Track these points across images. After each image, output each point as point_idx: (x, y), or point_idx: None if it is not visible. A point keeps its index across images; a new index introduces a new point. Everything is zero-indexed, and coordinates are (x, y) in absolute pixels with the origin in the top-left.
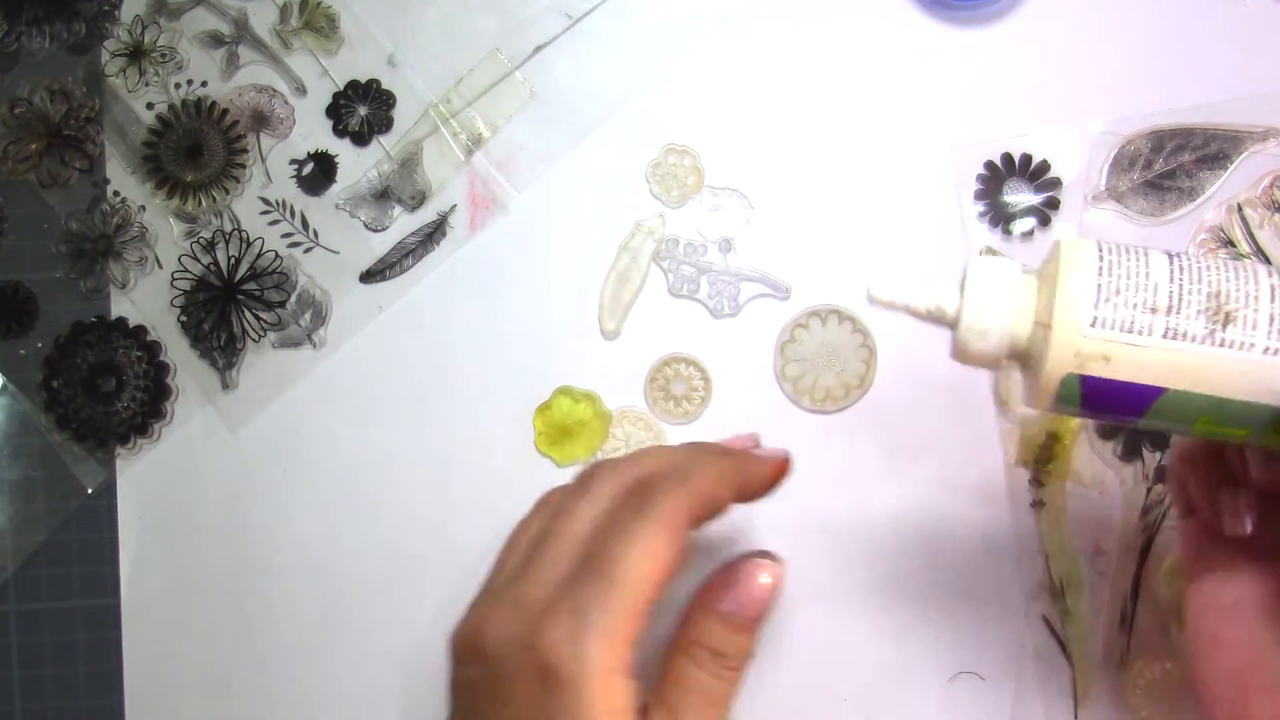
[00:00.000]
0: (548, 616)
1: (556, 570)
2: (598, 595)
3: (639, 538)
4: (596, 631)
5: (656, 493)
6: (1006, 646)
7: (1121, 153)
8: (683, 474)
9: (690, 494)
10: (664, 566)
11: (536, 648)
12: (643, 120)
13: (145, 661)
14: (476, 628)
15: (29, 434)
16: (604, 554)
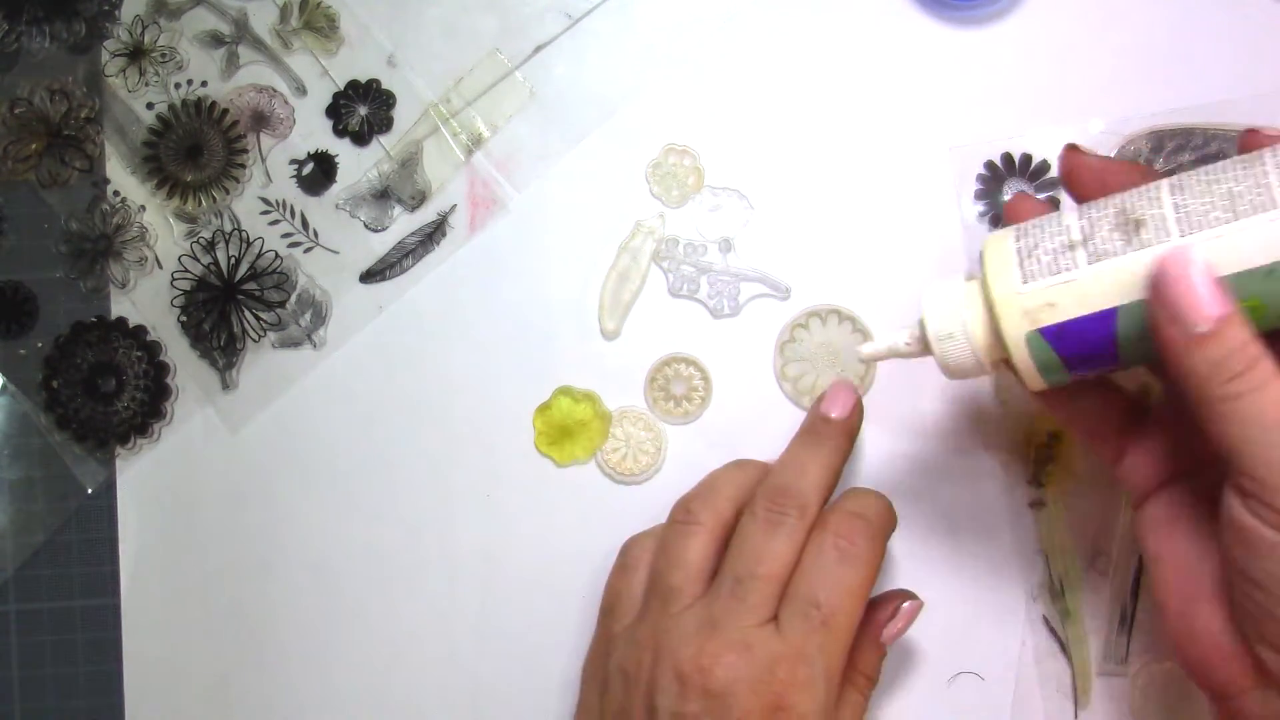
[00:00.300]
0: (781, 663)
1: (763, 612)
2: (825, 647)
3: (856, 592)
4: (825, 680)
5: (859, 538)
6: (1007, 646)
7: (1121, 153)
8: (870, 518)
9: (882, 538)
10: (864, 606)
11: (771, 691)
12: (643, 120)
13: (145, 661)
14: (701, 665)
15: (29, 434)
16: (825, 604)
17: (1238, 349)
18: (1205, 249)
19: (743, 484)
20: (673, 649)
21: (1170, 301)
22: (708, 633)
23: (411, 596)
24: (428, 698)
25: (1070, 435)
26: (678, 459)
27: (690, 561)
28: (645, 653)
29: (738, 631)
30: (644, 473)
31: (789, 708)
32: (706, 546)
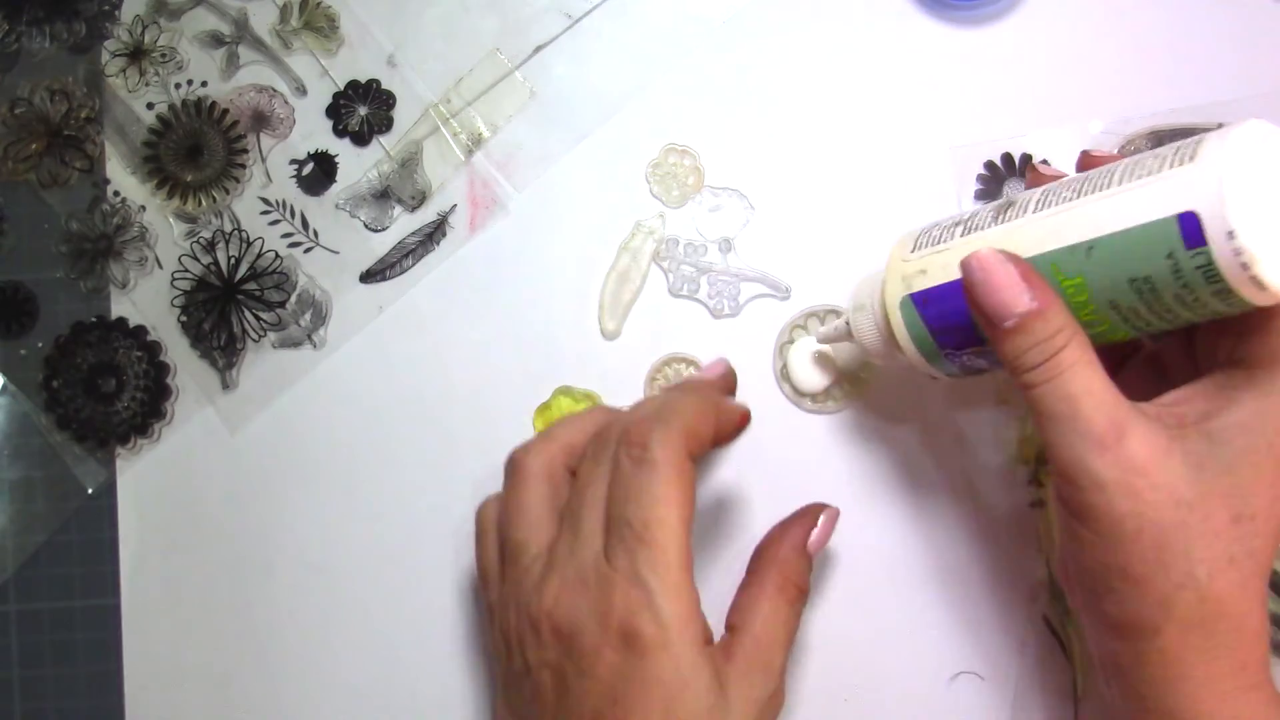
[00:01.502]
0: (615, 590)
1: (593, 542)
2: (646, 560)
3: (656, 494)
4: (662, 593)
5: (650, 443)
6: (1007, 646)
7: (1122, 153)
8: (665, 419)
9: (679, 435)
10: (685, 506)
11: (613, 618)
12: (643, 120)
13: (145, 661)
14: (541, 612)
15: (29, 434)
16: (633, 520)
17: (1040, 342)
18: (1034, 229)
19: (580, 427)
20: (525, 601)
21: (977, 298)
22: (548, 576)
23: (411, 596)
24: (428, 697)
25: None
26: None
27: (527, 511)
28: (509, 612)
29: (573, 568)
30: None
31: (635, 633)
32: (541, 495)
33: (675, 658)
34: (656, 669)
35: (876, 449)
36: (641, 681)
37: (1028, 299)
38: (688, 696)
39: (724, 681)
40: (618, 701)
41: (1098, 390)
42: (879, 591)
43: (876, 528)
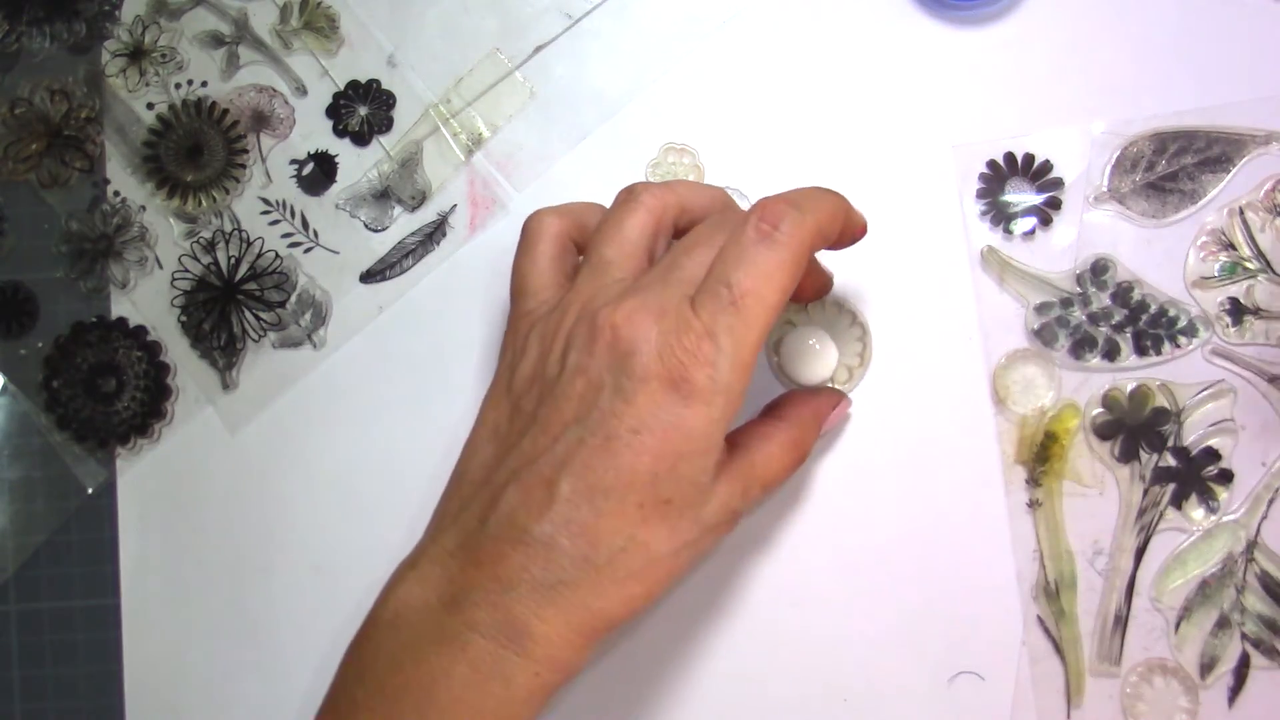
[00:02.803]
0: (688, 334)
1: (687, 288)
2: (730, 325)
3: (770, 273)
4: (731, 358)
5: (784, 224)
6: (1006, 646)
7: (1124, 154)
8: (801, 206)
9: (809, 224)
10: (786, 296)
11: (674, 359)
12: (643, 120)
13: (145, 661)
14: (610, 321)
15: (29, 434)
16: (737, 284)
17: None
18: None
19: (702, 191)
20: (595, 306)
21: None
22: (629, 294)
23: None
24: None
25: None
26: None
27: (628, 238)
28: (567, 314)
29: (656, 297)
30: None
31: (689, 380)
32: (646, 227)
33: (710, 422)
34: (691, 420)
35: (874, 448)
36: (672, 425)
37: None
38: (697, 460)
39: (717, 476)
40: (640, 432)
41: None
42: (878, 591)
43: (875, 527)
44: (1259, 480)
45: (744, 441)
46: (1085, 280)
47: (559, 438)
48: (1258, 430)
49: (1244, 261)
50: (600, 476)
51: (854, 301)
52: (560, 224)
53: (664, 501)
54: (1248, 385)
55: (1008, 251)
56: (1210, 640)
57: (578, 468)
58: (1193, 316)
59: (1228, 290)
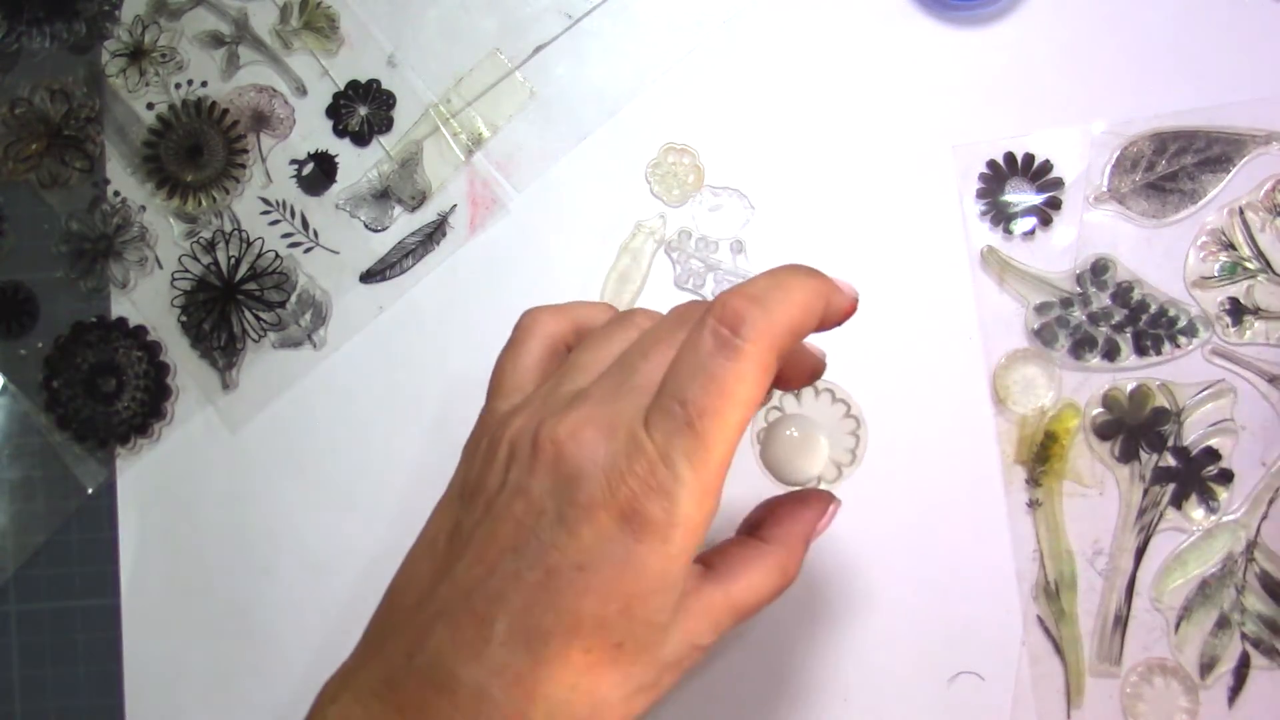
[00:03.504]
0: (640, 459)
1: (635, 399)
2: (686, 449)
3: (731, 391)
4: (688, 488)
5: (745, 330)
6: (1006, 646)
7: (1124, 154)
8: (769, 308)
9: (777, 324)
10: (750, 412)
11: (625, 489)
12: (643, 120)
13: (145, 661)
14: (555, 436)
15: (29, 434)
16: (692, 403)
17: None
18: None
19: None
20: (542, 416)
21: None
22: (580, 404)
23: None
24: None
25: (1067, 439)
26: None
27: (610, 344)
28: (517, 418)
29: (608, 412)
30: None
31: (641, 513)
32: (627, 340)
33: (667, 560)
34: (645, 558)
35: (874, 448)
36: (623, 562)
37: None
38: (653, 601)
39: (682, 610)
40: (585, 569)
41: None
42: (878, 591)
43: (875, 528)
44: (1259, 480)
45: (720, 565)
46: (1085, 280)
47: (495, 567)
48: (1258, 430)
49: (1244, 261)
50: (539, 618)
51: (846, 391)
52: (555, 324)
53: (615, 646)
54: (1248, 385)
55: (1008, 251)
56: (1210, 640)
57: (515, 606)
58: (1193, 316)
59: (1228, 290)
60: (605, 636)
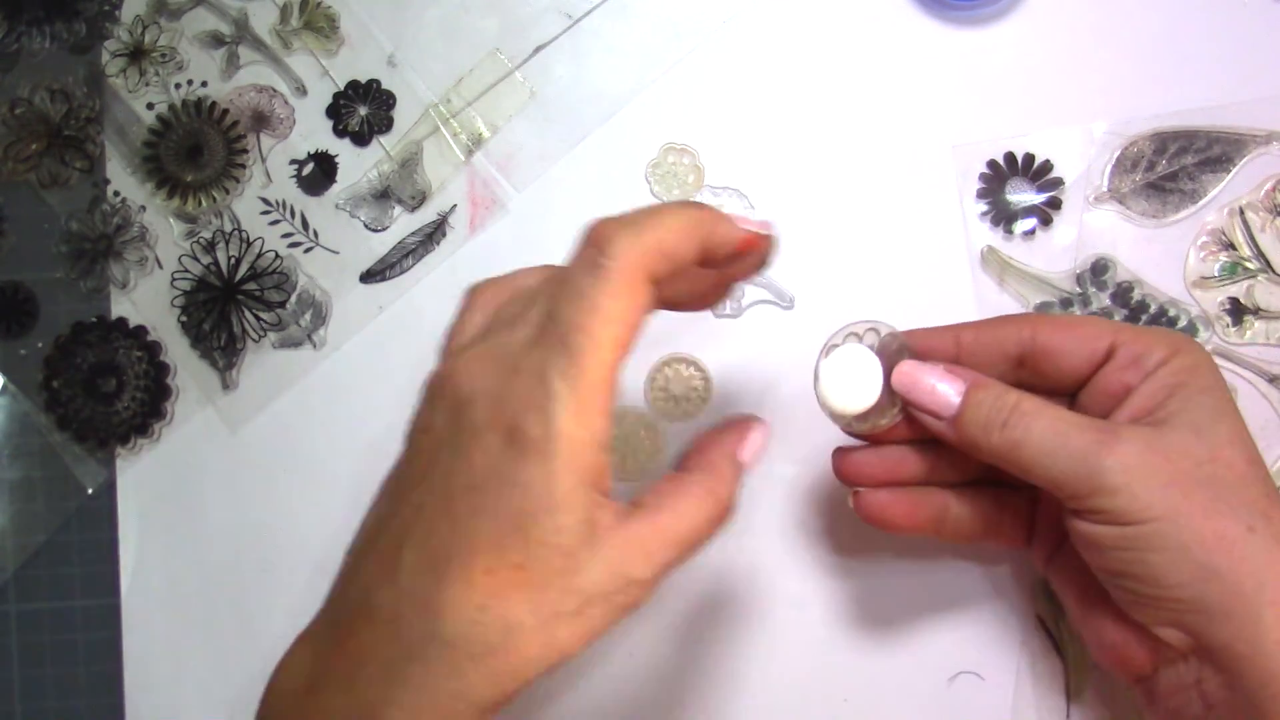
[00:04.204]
0: (519, 378)
1: (524, 330)
2: (559, 366)
3: (595, 303)
4: (562, 403)
5: (609, 247)
6: (1006, 646)
7: (1124, 154)
8: (637, 225)
9: (645, 244)
10: (623, 327)
11: (506, 405)
12: (643, 120)
13: (145, 661)
14: (451, 371)
15: (29, 434)
16: (561, 320)
17: (993, 403)
18: None
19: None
20: (442, 361)
21: (918, 405)
22: (472, 346)
23: None
24: None
25: None
26: (678, 459)
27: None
28: (437, 369)
29: (495, 346)
30: (644, 473)
31: (520, 428)
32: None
33: (550, 474)
34: (526, 474)
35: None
36: (507, 481)
37: (959, 384)
38: (545, 521)
39: (596, 537)
40: (476, 490)
41: (1072, 415)
42: (878, 591)
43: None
44: None
45: (647, 500)
46: (1085, 280)
47: (406, 500)
48: (1258, 430)
49: (1244, 261)
50: (441, 541)
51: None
52: (494, 291)
53: (515, 566)
54: (1248, 385)
55: (1008, 251)
56: None
57: (419, 533)
58: (1193, 316)
59: (1228, 290)
60: (503, 555)
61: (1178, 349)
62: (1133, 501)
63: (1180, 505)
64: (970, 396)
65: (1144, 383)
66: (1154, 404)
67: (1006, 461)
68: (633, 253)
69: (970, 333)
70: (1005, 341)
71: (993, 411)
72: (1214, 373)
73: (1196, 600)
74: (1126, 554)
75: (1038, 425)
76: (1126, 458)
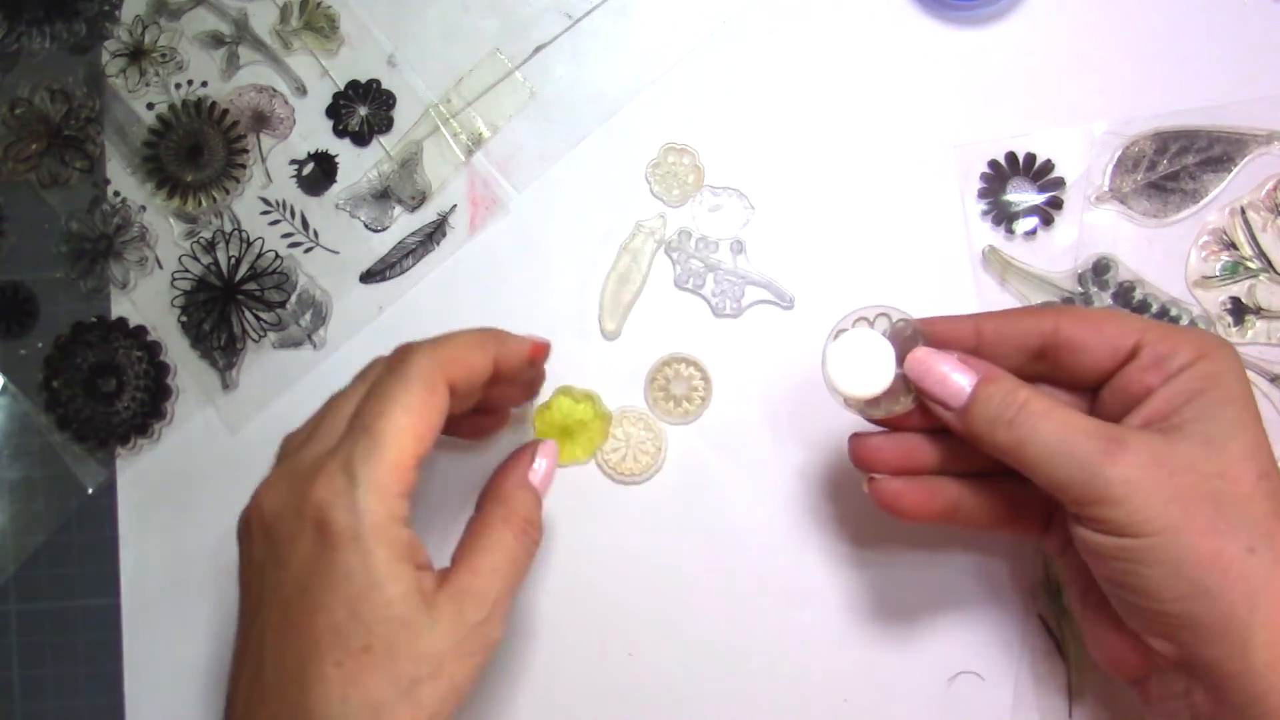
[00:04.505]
0: (318, 476)
1: (327, 441)
2: (362, 451)
3: (395, 397)
4: (365, 485)
5: (410, 356)
6: (1006, 646)
7: (1125, 154)
8: (435, 342)
9: (440, 356)
10: (422, 421)
11: (309, 505)
12: (643, 120)
13: (145, 661)
14: (255, 504)
15: (29, 434)
16: (365, 415)
17: (1003, 398)
18: None
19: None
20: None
21: (929, 394)
22: (272, 473)
23: None
24: None
25: None
26: (678, 459)
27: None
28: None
29: (295, 463)
30: (644, 473)
31: (328, 520)
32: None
33: (365, 554)
34: (344, 562)
35: None
36: (328, 573)
37: (971, 375)
38: (377, 599)
39: (431, 603)
40: (306, 591)
41: (1080, 418)
42: (878, 591)
43: (876, 527)
44: None
45: (459, 553)
46: (1087, 280)
47: (253, 627)
48: None
49: (1245, 261)
50: (292, 651)
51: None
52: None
53: (362, 650)
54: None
55: (1009, 251)
56: None
57: (270, 653)
58: (1194, 316)
59: (1229, 290)
60: (347, 644)
61: (1205, 353)
62: (1133, 514)
63: (1180, 522)
64: (980, 390)
65: (1164, 385)
66: (1170, 409)
67: (1011, 459)
68: (430, 360)
69: (992, 323)
70: (1027, 334)
71: (1001, 407)
72: (1239, 381)
73: (1189, 617)
74: (1123, 565)
75: (1044, 426)
76: (1130, 469)
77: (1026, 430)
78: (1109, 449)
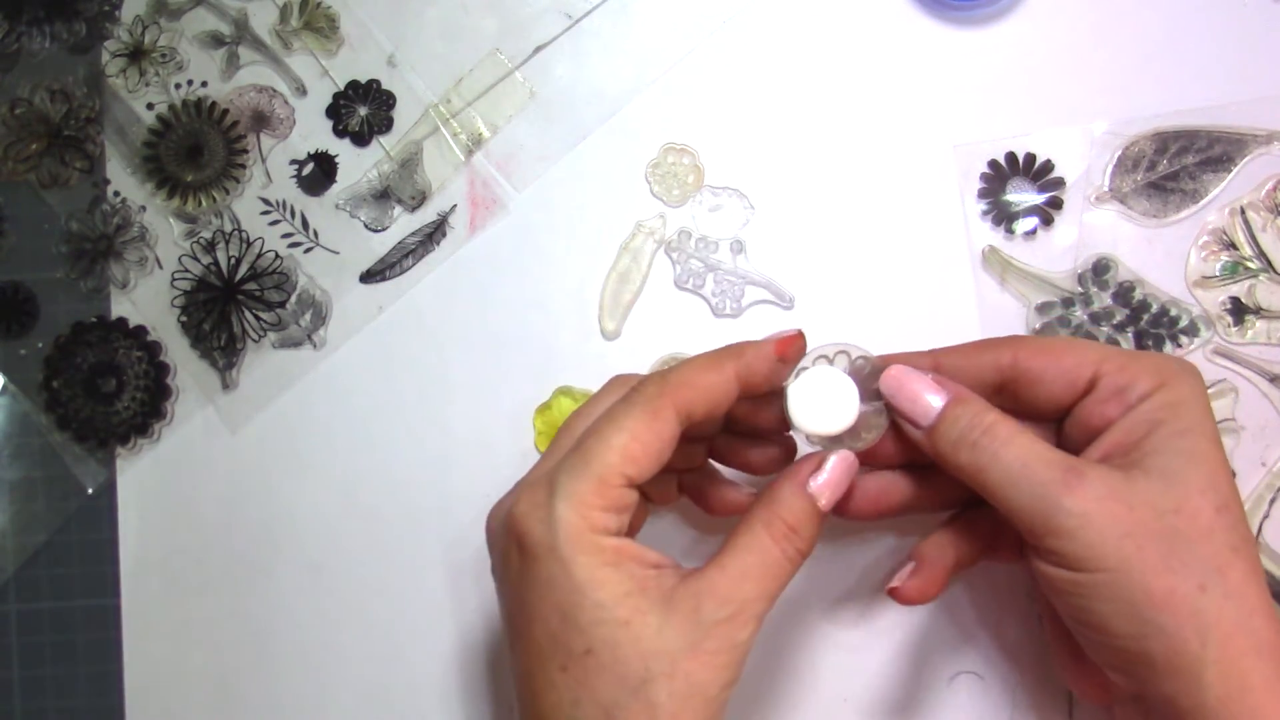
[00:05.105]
0: (525, 492)
1: (553, 459)
2: (569, 466)
3: (615, 417)
4: (563, 498)
5: (642, 383)
6: (1006, 646)
7: (1125, 154)
8: (669, 369)
9: (670, 380)
10: (636, 441)
11: (512, 519)
12: (643, 120)
13: (145, 661)
14: (487, 520)
15: (29, 434)
16: (586, 434)
17: (971, 420)
18: None
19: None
20: None
21: (899, 412)
22: (518, 485)
23: (411, 596)
24: (427, 697)
25: None
26: None
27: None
28: None
29: (525, 478)
30: None
31: (526, 534)
32: None
33: (564, 563)
34: (545, 571)
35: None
36: (534, 583)
37: (943, 395)
38: (585, 603)
39: (666, 599)
40: (523, 603)
41: (1043, 447)
42: (878, 592)
43: (876, 527)
44: (1259, 480)
45: (719, 552)
46: (1087, 280)
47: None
48: (1258, 430)
49: (1245, 261)
50: (523, 663)
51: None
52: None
53: (585, 654)
54: (1249, 385)
55: (1009, 251)
56: None
57: (514, 666)
58: (1194, 316)
59: (1229, 290)
60: (569, 649)
61: (1164, 380)
62: (1086, 550)
63: (1133, 558)
64: (948, 410)
65: (1124, 417)
66: (1129, 442)
67: (973, 483)
68: (657, 386)
69: (950, 358)
70: (985, 368)
71: (966, 429)
72: (1199, 409)
73: (1141, 654)
74: (1076, 600)
75: (1006, 451)
76: (1086, 502)
77: (989, 455)
78: (1067, 480)
